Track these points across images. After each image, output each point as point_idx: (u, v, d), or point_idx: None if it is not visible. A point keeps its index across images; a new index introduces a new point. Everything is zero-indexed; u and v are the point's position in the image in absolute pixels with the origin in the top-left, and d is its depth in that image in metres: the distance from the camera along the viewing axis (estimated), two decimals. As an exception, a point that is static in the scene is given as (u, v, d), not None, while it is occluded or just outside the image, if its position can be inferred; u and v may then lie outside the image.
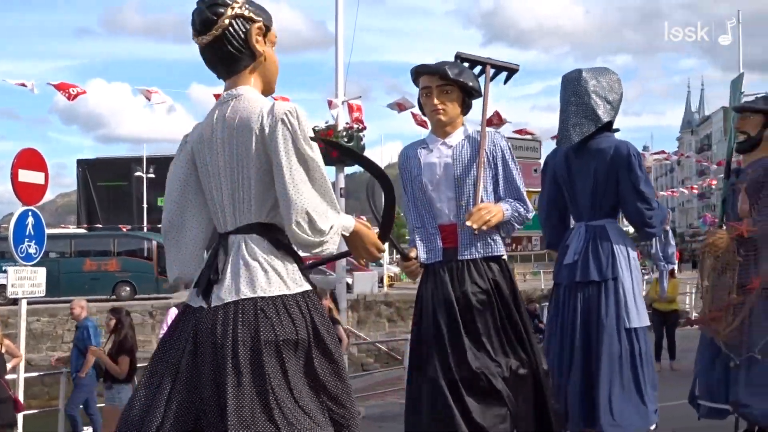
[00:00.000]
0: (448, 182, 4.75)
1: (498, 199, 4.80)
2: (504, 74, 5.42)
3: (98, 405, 11.38)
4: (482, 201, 4.68)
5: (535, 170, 11.71)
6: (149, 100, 12.29)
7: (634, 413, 5.42)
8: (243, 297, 3.07)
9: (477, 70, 5.24)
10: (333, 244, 3.15)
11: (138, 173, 54.52)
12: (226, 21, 3.20)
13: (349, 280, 33.88)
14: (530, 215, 4.89)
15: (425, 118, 4.98)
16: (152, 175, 53.90)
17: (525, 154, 11.60)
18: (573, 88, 5.78)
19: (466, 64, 5.13)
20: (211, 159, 3.23)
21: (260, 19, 3.28)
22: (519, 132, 12.34)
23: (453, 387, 4.48)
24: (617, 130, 6.00)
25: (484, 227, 4.58)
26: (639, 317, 5.57)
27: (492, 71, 5.28)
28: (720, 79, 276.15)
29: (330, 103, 10.30)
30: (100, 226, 47.26)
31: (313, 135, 3.16)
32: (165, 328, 9.34)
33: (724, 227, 6.32)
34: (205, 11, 3.21)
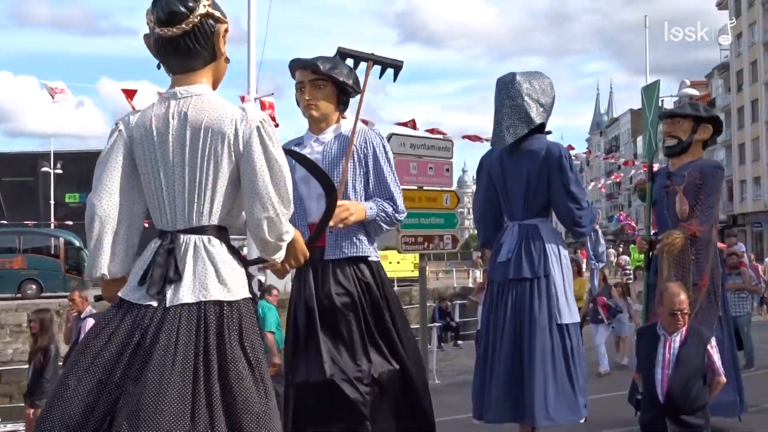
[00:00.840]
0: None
1: (368, 197, 4.68)
2: (391, 71, 5.30)
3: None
4: (349, 199, 4.58)
5: (447, 169, 11.80)
6: (53, 98, 12.03)
7: (566, 407, 5.61)
8: (207, 299, 3.08)
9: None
10: (284, 250, 3.27)
11: (45, 169, 53.11)
12: (197, 18, 3.21)
13: (262, 278, 33.70)
14: (400, 216, 4.74)
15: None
16: (59, 171, 52.61)
17: (437, 154, 11.66)
18: (507, 91, 5.92)
19: (352, 60, 5.03)
20: (160, 153, 3.19)
21: (227, 21, 3.32)
22: (431, 131, 12.40)
23: (309, 392, 4.43)
24: (549, 132, 6.16)
25: (341, 225, 4.43)
26: (570, 313, 5.77)
27: (377, 68, 5.17)
28: (628, 82, 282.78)
29: (242, 99, 10.20)
30: (5, 222, 45.90)
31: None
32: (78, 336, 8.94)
33: (676, 228, 6.60)
34: (175, 3, 3.20)
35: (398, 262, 39.29)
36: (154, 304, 3.09)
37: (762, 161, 58.52)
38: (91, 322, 8.94)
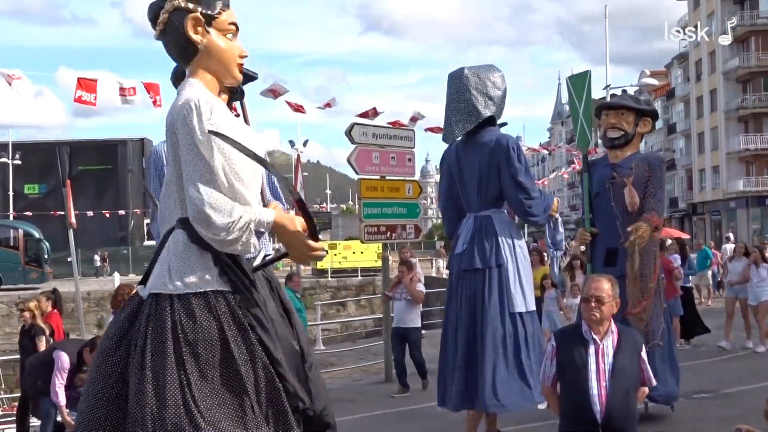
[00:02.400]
0: None
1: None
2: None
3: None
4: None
5: (409, 159, 11.84)
6: (10, 85, 11.87)
7: (517, 393, 5.73)
8: (156, 291, 3.10)
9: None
10: (245, 240, 3.07)
11: (3, 159, 52.37)
12: (166, 15, 3.20)
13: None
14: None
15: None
16: (18, 162, 51.87)
17: (400, 143, 11.69)
18: (455, 86, 6.03)
19: None
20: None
21: (197, 8, 3.22)
22: (393, 123, 12.42)
23: None
24: (504, 124, 6.24)
25: None
26: (524, 302, 5.89)
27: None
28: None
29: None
30: (-37, 214, 45.29)
31: (213, 129, 3.04)
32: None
33: (625, 220, 6.63)
34: (152, 6, 3.24)
35: (362, 252, 39.35)
36: (143, 296, 3.19)
37: (721, 150, 59.27)
38: (64, 357, 8.16)
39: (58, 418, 8.32)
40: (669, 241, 13.62)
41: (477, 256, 5.90)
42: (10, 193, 51.47)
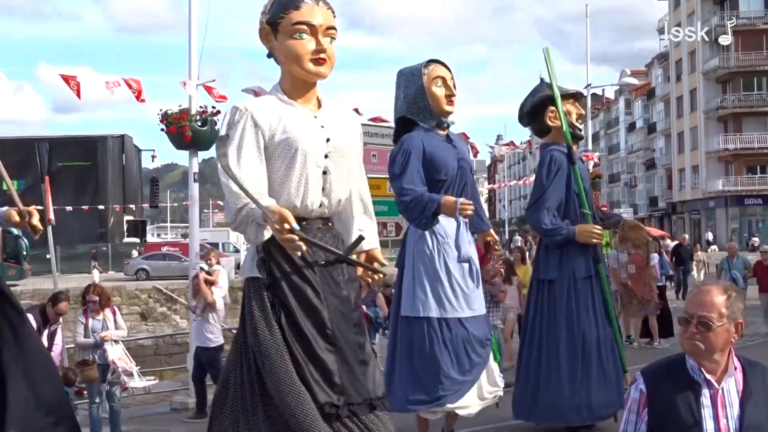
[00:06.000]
0: None
1: None
2: None
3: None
4: None
5: (391, 157, 11.82)
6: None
7: (393, 399, 5.31)
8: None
9: None
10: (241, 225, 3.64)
11: (-19, 155, 51.93)
12: (258, 30, 3.87)
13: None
14: None
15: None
16: (-3, 157, 51.41)
17: (381, 141, 11.69)
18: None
19: None
20: None
21: (263, 18, 3.82)
22: (374, 120, 12.38)
23: None
24: (417, 124, 5.85)
25: None
26: (412, 306, 5.61)
27: None
28: (570, 71, 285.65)
29: (184, 85, 10.06)
30: (-60, 210, 44.71)
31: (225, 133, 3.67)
32: None
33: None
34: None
35: (343, 250, 39.24)
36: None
37: (700, 150, 59.62)
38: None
39: None
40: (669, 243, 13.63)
41: (398, 257, 5.94)
42: (-11, 189, 51.04)
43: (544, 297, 6.58)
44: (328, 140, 3.79)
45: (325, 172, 3.77)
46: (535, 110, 6.75)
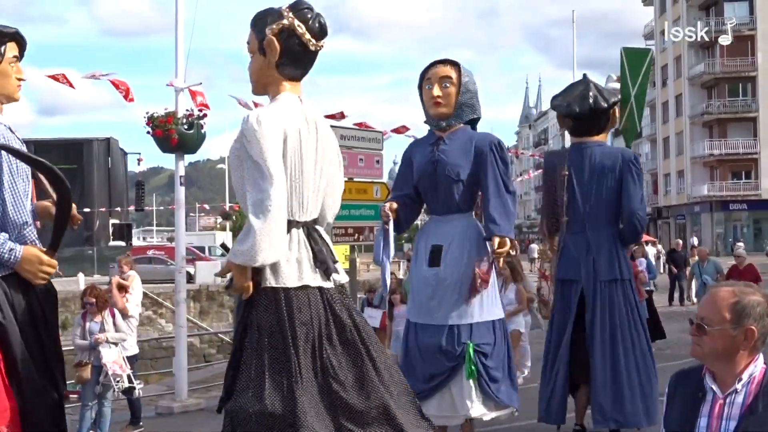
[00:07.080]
0: None
1: None
2: None
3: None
4: None
5: (377, 161, 11.84)
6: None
7: None
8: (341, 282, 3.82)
9: None
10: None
11: (-34, 158, 51.63)
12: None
13: (191, 270, 33.44)
14: None
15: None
16: (-18, 161, 51.13)
17: (368, 145, 11.68)
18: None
19: None
20: (305, 152, 3.64)
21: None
22: (359, 125, 12.37)
23: None
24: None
25: None
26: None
27: None
28: (556, 76, 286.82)
29: (171, 85, 10.04)
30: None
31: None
32: None
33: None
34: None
35: (329, 254, 39.21)
36: (330, 285, 3.73)
37: (685, 155, 59.90)
38: None
39: None
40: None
41: None
42: (-27, 192, 50.72)
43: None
44: None
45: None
46: (607, 110, 6.79)
